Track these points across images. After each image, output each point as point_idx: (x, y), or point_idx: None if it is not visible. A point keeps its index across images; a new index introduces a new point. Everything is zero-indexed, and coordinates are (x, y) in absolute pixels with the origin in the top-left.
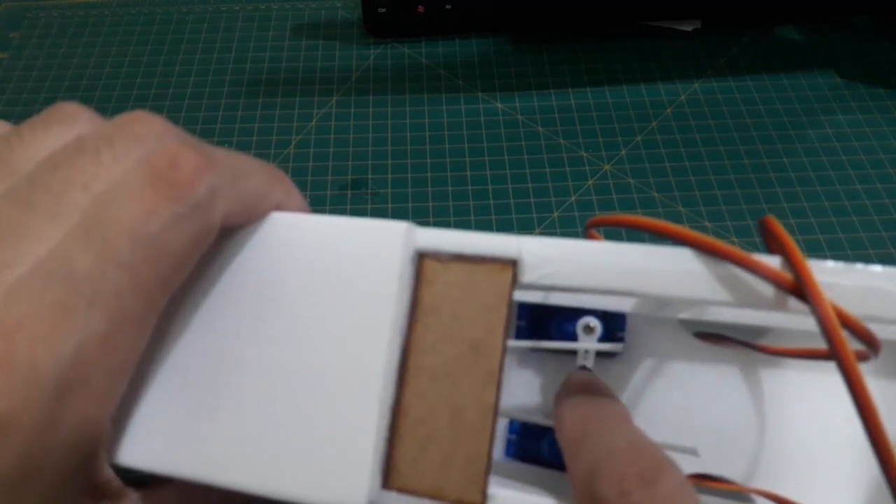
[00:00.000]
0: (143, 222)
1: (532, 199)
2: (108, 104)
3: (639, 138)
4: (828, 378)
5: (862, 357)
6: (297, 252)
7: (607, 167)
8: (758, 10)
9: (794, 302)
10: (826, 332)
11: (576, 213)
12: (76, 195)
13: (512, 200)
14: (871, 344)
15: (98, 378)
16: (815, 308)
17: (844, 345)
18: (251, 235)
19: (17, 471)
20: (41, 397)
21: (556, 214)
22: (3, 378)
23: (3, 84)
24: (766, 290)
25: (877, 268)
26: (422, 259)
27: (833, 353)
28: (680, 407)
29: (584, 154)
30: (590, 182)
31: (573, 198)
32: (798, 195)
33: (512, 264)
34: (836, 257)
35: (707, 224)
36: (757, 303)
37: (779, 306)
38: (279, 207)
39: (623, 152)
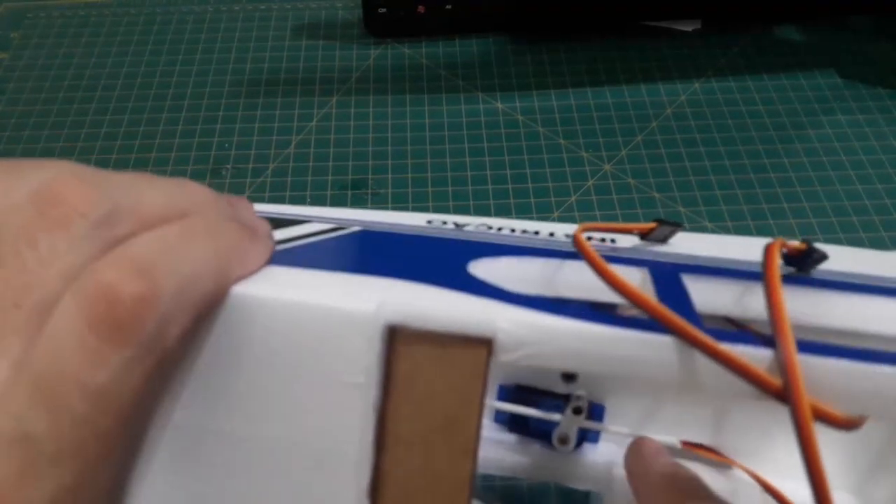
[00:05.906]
0: (92, 374)
1: (532, 199)
2: (108, 104)
3: (639, 138)
4: None
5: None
6: (266, 337)
7: (607, 167)
8: (758, 10)
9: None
10: (800, 437)
11: (576, 213)
12: (10, 316)
13: (512, 200)
14: (851, 426)
15: None
16: (794, 416)
17: (816, 453)
18: (214, 323)
19: None
20: None
21: (556, 214)
22: None
23: (3, 84)
24: (750, 389)
25: (880, 366)
26: (393, 334)
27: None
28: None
29: (585, 154)
30: (590, 182)
31: (573, 198)
32: (798, 195)
33: (487, 343)
34: None
35: (707, 224)
36: (740, 397)
37: (760, 400)
38: (239, 277)
39: (623, 152)
